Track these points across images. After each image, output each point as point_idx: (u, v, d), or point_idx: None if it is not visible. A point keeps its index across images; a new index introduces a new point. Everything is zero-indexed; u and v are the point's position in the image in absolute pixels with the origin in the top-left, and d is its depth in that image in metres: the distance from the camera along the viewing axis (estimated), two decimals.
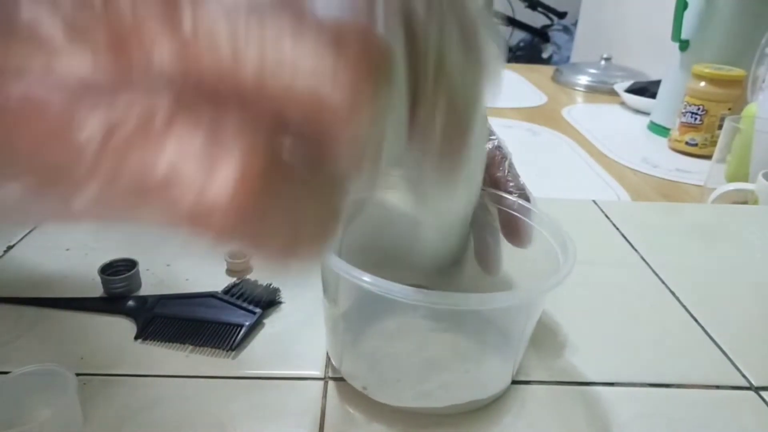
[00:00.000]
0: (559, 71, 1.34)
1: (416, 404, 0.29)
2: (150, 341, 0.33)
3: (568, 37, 2.65)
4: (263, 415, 0.29)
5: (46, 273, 0.39)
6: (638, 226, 0.50)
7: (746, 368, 0.34)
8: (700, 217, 0.55)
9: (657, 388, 0.32)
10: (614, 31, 1.58)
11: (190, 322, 0.34)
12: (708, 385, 0.33)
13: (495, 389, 0.30)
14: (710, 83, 0.84)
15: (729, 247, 0.49)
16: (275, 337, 0.34)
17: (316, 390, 0.31)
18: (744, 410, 0.31)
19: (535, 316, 0.31)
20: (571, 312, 0.38)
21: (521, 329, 0.30)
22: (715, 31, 0.89)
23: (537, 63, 2.30)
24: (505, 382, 0.31)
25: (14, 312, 0.35)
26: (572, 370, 0.33)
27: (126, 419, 0.28)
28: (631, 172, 0.80)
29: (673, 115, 0.90)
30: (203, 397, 0.30)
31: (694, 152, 0.86)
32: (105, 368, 0.31)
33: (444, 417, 0.29)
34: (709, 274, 0.44)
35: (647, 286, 0.42)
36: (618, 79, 1.20)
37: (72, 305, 0.36)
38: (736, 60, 0.86)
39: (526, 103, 1.13)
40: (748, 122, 0.71)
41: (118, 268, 0.37)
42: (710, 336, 0.37)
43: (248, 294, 0.36)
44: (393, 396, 0.29)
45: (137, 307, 0.36)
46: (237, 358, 0.32)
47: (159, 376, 0.31)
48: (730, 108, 0.84)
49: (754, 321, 0.39)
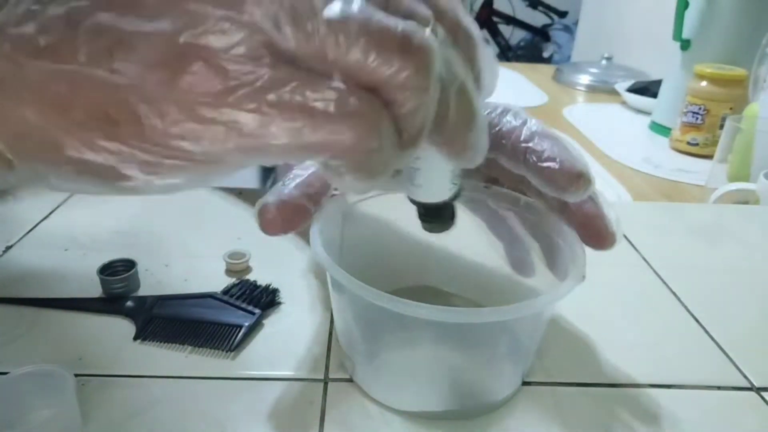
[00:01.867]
0: (560, 71, 1.34)
1: (426, 408, 0.29)
2: (149, 342, 0.33)
3: (569, 36, 2.65)
4: (263, 416, 0.29)
5: (45, 273, 0.39)
6: (639, 226, 0.50)
7: (747, 369, 0.34)
8: (701, 217, 0.54)
9: (658, 389, 0.32)
10: (615, 30, 1.58)
11: (189, 323, 0.34)
12: (709, 385, 0.33)
13: (504, 394, 0.30)
14: (712, 83, 0.84)
15: (730, 248, 0.49)
16: (275, 338, 0.34)
17: (316, 391, 0.30)
18: (745, 411, 0.31)
19: (545, 322, 0.30)
20: (571, 312, 0.38)
21: (532, 336, 0.30)
22: (717, 31, 0.88)
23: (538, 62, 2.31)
24: (515, 386, 0.31)
25: (13, 312, 0.35)
26: (572, 371, 0.33)
27: (125, 420, 0.28)
28: (632, 171, 0.80)
29: (675, 115, 0.90)
30: (202, 398, 0.30)
31: (696, 152, 0.86)
32: (104, 369, 0.31)
33: (445, 419, 0.29)
34: (711, 275, 0.44)
35: (648, 286, 0.42)
36: (619, 79, 1.20)
37: (71, 305, 0.36)
38: (737, 59, 0.86)
39: (526, 102, 1.13)
40: (750, 122, 0.70)
41: (117, 268, 0.37)
42: (711, 336, 0.37)
43: (247, 294, 0.36)
44: (403, 401, 0.29)
45: (136, 307, 0.35)
46: (236, 359, 0.32)
47: (158, 376, 0.31)
48: (731, 108, 0.83)
49: (756, 321, 0.39)
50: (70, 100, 0.16)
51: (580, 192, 0.28)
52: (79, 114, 0.16)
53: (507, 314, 0.25)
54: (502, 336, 0.29)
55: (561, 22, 2.87)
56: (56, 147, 0.17)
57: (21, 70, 0.16)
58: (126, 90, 0.16)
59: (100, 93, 0.16)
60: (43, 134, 0.17)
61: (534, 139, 0.28)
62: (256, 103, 0.16)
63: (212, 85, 0.16)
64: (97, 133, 0.17)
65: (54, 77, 0.16)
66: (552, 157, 0.28)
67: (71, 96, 0.16)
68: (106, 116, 0.16)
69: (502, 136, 0.29)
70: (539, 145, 0.28)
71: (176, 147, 0.17)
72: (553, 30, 2.92)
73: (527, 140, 0.28)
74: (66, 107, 0.16)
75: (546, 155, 0.28)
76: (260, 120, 0.16)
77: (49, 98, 0.16)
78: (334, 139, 0.16)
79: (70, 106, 0.16)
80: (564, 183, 0.27)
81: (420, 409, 0.29)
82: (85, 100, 0.16)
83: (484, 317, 0.25)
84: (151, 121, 0.16)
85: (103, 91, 0.16)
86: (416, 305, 0.24)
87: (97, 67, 0.16)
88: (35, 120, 0.16)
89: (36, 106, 0.16)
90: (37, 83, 0.16)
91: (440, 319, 0.25)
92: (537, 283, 0.33)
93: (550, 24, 2.93)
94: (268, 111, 0.16)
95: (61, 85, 0.16)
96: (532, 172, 0.28)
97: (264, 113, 0.16)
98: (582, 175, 0.27)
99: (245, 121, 0.16)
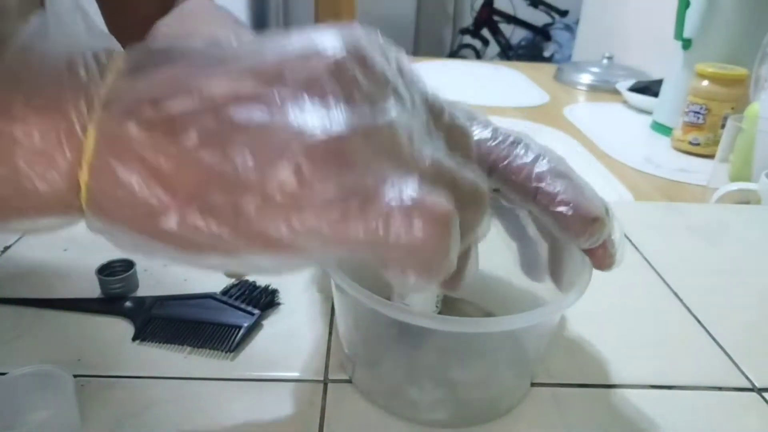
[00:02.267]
0: (561, 70, 1.34)
1: (427, 417, 0.29)
2: (148, 342, 0.33)
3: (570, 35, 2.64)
4: (262, 417, 0.29)
5: (44, 273, 0.39)
6: (641, 226, 0.50)
7: (749, 370, 0.34)
8: (702, 217, 0.54)
9: (659, 390, 0.32)
10: (616, 29, 1.58)
11: (188, 324, 0.34)
12: (710, 386, 0.32)
13: (508, 403, 0.30)
14: (713, 82, 0.84)
15: (732, 248, 0.48)
16: (274, 339, 0.34)
17: (316, 392, 0.30)
18: (747, 412, 0.31)
19: (551, 330, 0.30)
20: (572, 313, 0.37)
21: (537, 344, 0.30)
22: (718, 30, 0.88)
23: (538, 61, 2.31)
24: (520, 394, 0.31)
25: (11, 312, 0.35)
26: (573, 372, 0.33)
27: (124, 421, 0.28)
28: (633, 171, 0.80)
29: (676, 115, 0.90)
30: (201, 399, 0.30)
31: (697, 152, 0.86)
32: (103, 369, 0.31)
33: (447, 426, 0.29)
34: (712, 275, 0.44)
35: (649, 286, 0.42)
36: (620, 78, 1.20)
37: (69, 306, 0.36)
38: (738, 59, 0.86)
39: (527, 102, 1.13)
40: (751, 122, 0.70)
41: (116, 268, 0.37)
42: (713, 337, 0.36)
43: (247, 295, 0.36)
44: (405, 409, 0.29)
45: (135, 308, 0.35)
46: (235, 360, 0.32)
47: (157, 377, 0.31)
48: (732, 107, 0.83)
49: (757, 322, 0.38)
50: (176, 179, 0.17)
51: (594, 238, 0.26)
52: (182, 193, 0.17)
53: (510, 324, 0.25)
54: (504, 345, 0.29)
55: (562, 21, 2.87)
56: (152, 220, 0.17)
57: (130, 137, 0.17)
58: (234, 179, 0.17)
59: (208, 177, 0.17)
60: (140, 204, 0.17)
61: (546, 179, 0.26)
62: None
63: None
64: (195, 213, 0.17)
65: (164, 153, 0.17)
66: (566, 201, 0.26)
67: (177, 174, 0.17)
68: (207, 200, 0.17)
69: (512, 171, 0.27)
70: (551, 187, 0.26)
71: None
72: (554, 29, 2.92)
73: (539, 179, 0.27)
74: (171, 185, 0.17)
75: (559, 199, 0.26)
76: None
77: (155, 172, 0.17)
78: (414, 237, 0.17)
79: (175, 184, 0.17)
80: (577, 229, 0.26)
81: (421, 416, 0.29)
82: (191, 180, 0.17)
83: (488, 327, 0.25)
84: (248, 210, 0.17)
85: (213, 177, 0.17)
86: (418, 315, 0.24)
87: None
88: (138, 189, 0.17)
89: (142, 177, 0.17)
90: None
91: (441, 329, 0.24)
92: (544, 290, 0.32)
93: (551, 23, 2.92)
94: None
95: (170, 161, 0.17)
96: (543, 214, 0.27)
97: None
98: (597, 219, 0.26)
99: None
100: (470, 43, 3.11)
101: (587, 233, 0.26)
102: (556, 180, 0.27)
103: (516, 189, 0.27)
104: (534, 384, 0.32)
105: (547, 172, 0.27)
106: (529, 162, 0.27)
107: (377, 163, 0.17)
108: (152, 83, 0.17)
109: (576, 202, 0.26)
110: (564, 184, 0.26)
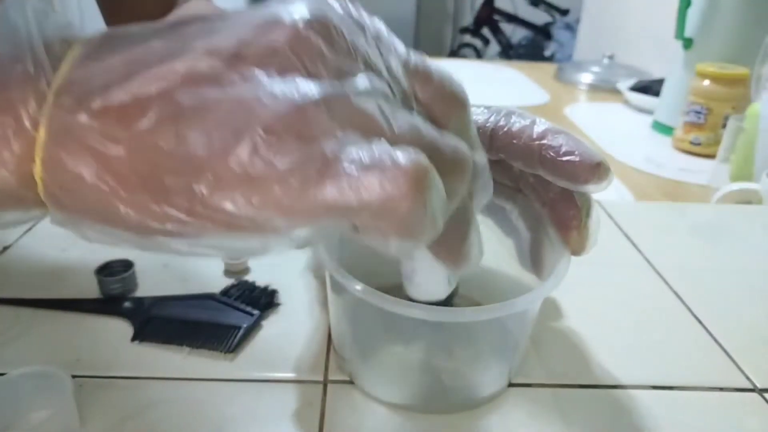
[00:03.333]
0: (562, 69, 1.34)
1: (413, 402, 0.30)
2: (147, 343, 0.33)
3: (571, 34, 2.64)
4: (262, 418, 0.29)
5: (43, 274, 0.39)
6: (642, 225, 0.50)
7: (750, 370, 0.34)
8: (703, 216, 0.54)
9: (660, 391, 0.32)
10: (617, 28, 1.58)
11: (187, 324, 0.34)
12: (711, 387, 0.32)
13: (490, 390, 0.30)
14: (714, 82, 0.84)
15: (733, 248, 0.48)
16: (274, 339, 0.34)
17: (316, 393, 0.30)
18: (748, 413, 0.31)
19: (531, 319, 0.30)
20: (572, 313, 0.37)
21: (516, 334, 0.30)
22: (719, 30, 0.88)
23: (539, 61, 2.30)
24: (502, 382, 0.31)
25: (10, 313, 0.35)
26: (573, 372, 0.33)
27: (123, 421, 0.28)
28: (634, 171, 0.80)
29: (677, 114, 0.89)
30: (201, 400, 0.30)
31: (698, 151, 0.86)
32: (102, 370, 0.31)
33: (443, 419, 0.29)
34: (713, 275, 0.44)
35: (650, 286, 0.42)
36: (621, 78, 1.19)
37: (68, 306, 0.36)
38: (740, 58, 0.86)
39: (528, 101, 1.12)
40: (752, 121, 0.70)
41: (115, 269, 0.37)
42: (714, 337, 0.36)
43: (246, 295, 0.36)
44: (390, 394, 0.30)
45: (134, 308, 0.35)
46: (235, 360, 0.32)
47: (156, 378, 0.31)
48: (734, 107, 0.83)
49: (758, 322, 0.38)
50: (127, 166, 0.17)
51: (603, 182, 0.28)
52: (134, 180, 0.17)
53: (489, 313, 0.26)
54: (487, 334, 0.30)
55: (562, 20, 2.86)
56: (107, 208, 0.17)
57: (81, 127, 0.17)
58: (184, 158, 0.16)
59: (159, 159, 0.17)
60: (93, 194, 0.17)
61: (547, 135, 0.28)
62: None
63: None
64: (149, 198, 0.17)
65: (115, 140, 0.16)
66: (570, 150, 0.27)
67: (128, 161, 0.17)
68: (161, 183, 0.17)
69: (512, 135, 0.29)
70: (554, 141, 0.28)
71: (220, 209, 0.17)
72: (554, 28, 2.91)
73: (541, 137, 0.28)
74: (123, 172, 0.17)
75: (564, 149, 0.28)
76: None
77: (106, 160, 0.17)
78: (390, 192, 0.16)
79: (127, 171, 0.17)
80: (586, 175, 0.27)
81: (409, 402, 0.29)
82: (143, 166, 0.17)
83: (468, 317, 0.26)
84: (202, 189, 0.16)
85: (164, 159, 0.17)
86: (405, 303, 0.25)
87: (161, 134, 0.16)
88: (89, 179, 0.17)
89: (93, 167, 0.17)
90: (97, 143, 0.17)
91: (425, 318, 0.25)
92: (534, 281, 0.32)
93: (552, 22, 2.92)
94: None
95: (120, 149, 0.16)
96: (550, 168, 0.28)
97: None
98: (601, 164, 0.28)
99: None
100: (470, 42, 3.11)
101: (596, 177, 0.28)
102: (556, 135, 0.28)
103: (519, 152, 0.29)
104: (534, 385, 0.32)
105: (548, 130, 0.28)
106: (528, 124, 0.29)
107: (341, 133, 0.17)
108: (105, 69, 0.17)
109: (579, 150, 0.28)
110: (565, 138, 0.28)
